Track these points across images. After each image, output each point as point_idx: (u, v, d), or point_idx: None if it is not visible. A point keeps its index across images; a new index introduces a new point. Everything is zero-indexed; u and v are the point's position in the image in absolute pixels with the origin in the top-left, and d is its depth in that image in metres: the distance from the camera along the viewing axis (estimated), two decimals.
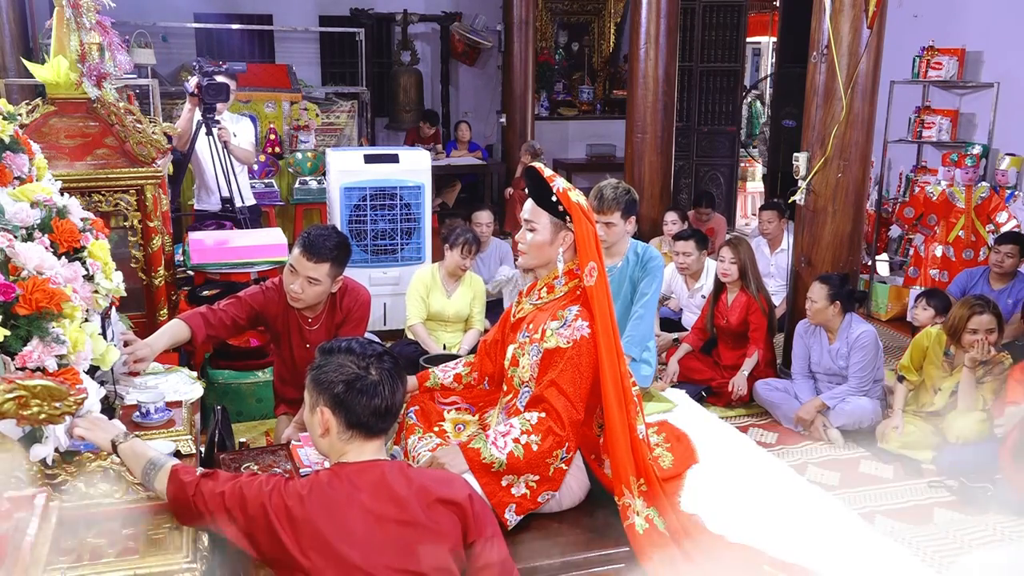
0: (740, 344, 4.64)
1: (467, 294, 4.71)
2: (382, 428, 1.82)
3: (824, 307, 4.18)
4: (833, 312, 4.18)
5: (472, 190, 9.36)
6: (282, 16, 9.01)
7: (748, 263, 4.59)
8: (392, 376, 1.80)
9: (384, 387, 1.78)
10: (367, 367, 1.78)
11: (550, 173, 2.39)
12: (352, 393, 1.76)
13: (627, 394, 2.31)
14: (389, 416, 1.82)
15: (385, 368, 1.80)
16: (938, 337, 4.04)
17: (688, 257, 5.19)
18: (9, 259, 1.81)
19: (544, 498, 2.31)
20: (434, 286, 4.67)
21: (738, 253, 4.58)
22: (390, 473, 1.78)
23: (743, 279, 4.59)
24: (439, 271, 4.70)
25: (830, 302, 4.17)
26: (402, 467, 1.84)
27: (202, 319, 2.92)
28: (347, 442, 1.79)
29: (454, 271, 4.64)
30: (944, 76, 6.29)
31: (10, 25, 5.70)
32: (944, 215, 5.96)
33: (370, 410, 1.77)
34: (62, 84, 3.03)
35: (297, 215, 6.79)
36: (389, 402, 1.79)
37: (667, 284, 5.36)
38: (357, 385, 1.76)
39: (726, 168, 9.17)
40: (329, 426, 1.78)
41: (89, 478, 1.85)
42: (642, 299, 3.49)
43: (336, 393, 1.76)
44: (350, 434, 1.78)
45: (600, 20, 10.49)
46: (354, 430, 1.78)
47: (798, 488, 2.59)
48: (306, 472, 2.43)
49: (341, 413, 1.77)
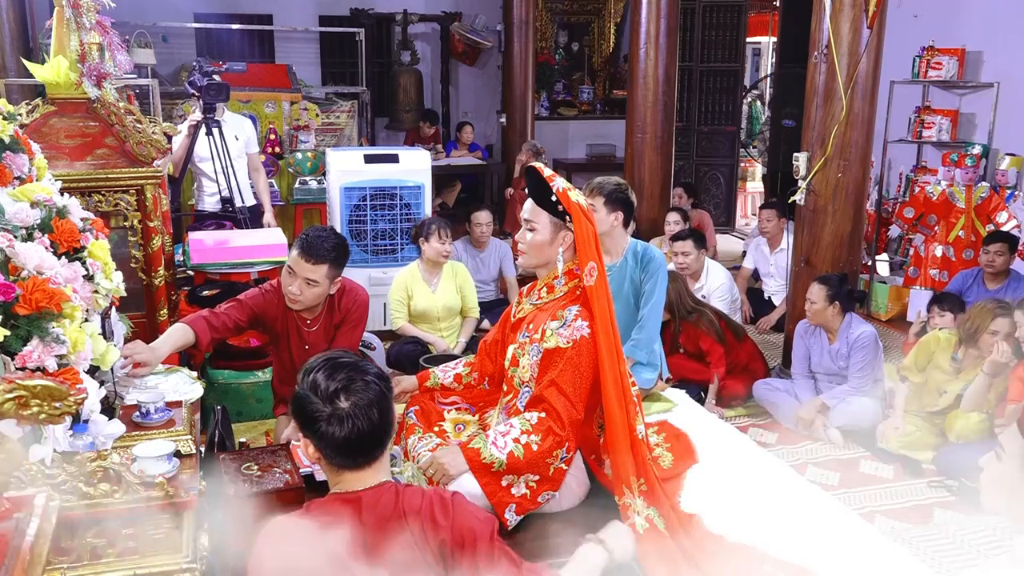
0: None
1: (451, 284, 4.65)
2: (366, 456, 1.66)
3: (823, 308, 4.17)
4: (832, 313, 4.18)
5: (472, 190, 9.36)
6: (282, 16, 9.01)
7: (675, 299, 4.47)
8: (369, 400, 1.62)
9: (358, 417, 1.61)
10: (336, 393, 1.61)
11: (550, 173, 2.39)
12: (324, 426, 1.61)
13: (627, 394, 2.31)
14: (368, 444, 1.64)
15: (357, 392, 1.62)
16: (947, 341, 4.03)
17: (687, 257, 5.16)
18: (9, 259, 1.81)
19: (544, 498, 2.31)
20: (415, 283, 4.60)
21: None
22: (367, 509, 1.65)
23: (671, 314, 4.50)
24: (419, 267, 4.64)
25: (829, 303, 4.16)
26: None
27: (205, 323, 2.92)
28: (337, 474, 1.68)
29: (436, 259, 4.57)
30: (944, 76, 6.29)
31: (10, 25, 5.70)
32: (944, 215, 5.96)
33: (343, 445, 1.62)
34: (62, 84, 3.03)
35: (297, 215, 6.79)
36: (363, 428, 1.61)
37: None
38: (328, 425, 1.61)
39: (726, 168, 9.17)
40: (318, 457, 1.68)
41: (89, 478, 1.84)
42: (648, 303, 3.45)
43: (310, 426, 1.64)
44: (336, 467, 1.67)
45: (600, 20, 10.49)
46: (339, 463, 1.66)
47: (798, 488, 2.59)
48: (306, 472, 2.44)
49: (320, 447, 1.65)
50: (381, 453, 1.69)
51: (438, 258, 4.57)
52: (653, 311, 3.44)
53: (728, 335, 4.60)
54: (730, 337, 4.62)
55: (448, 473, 2.24)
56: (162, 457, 2.02)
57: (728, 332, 4.61)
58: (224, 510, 2.09)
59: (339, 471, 1.68)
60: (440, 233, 4.54)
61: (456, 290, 4.66)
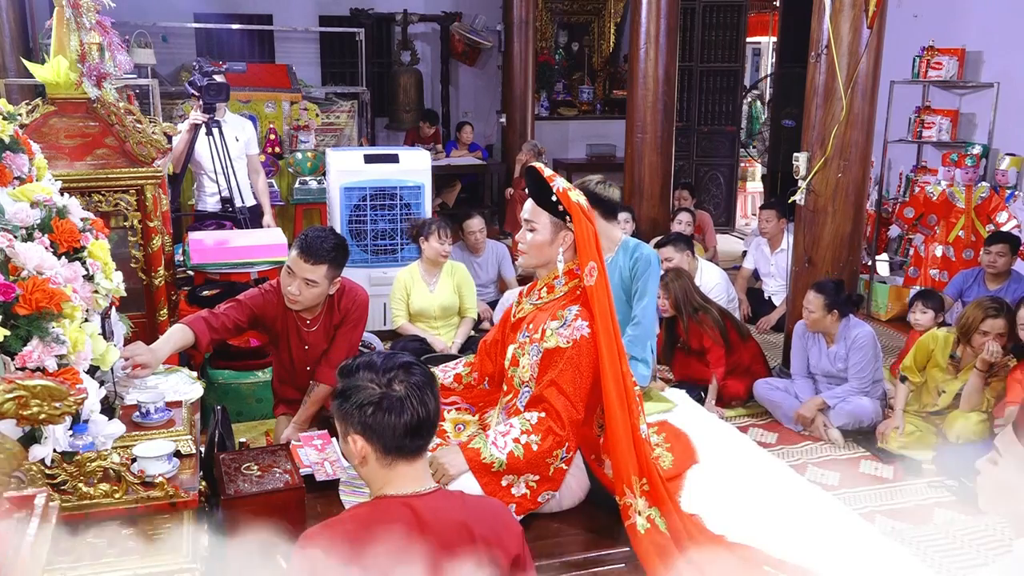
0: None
1: (449, 284, 4.65)
2: (420, 445, 1.67)
3: (821, 316, 4.17)
4: (831, 320, 4.18)
5: (472, 190, 9.36)
6: (282, 16, 9.01)
7: (681, 296, 4.54)
8: (420, 386, 1.65)
9: (412, 400, 1.62)
10: (390, 382, 1.63)
11: (550, 173, 2.39)
12: (379, 415, 1.61)
13: (629, 393, 2.31)
14: (424, 430, 1.66)
15: (412, 380, 1.64)
16: (945, 340, 4.03)
17: (670, 262, 5.14)
18: (9, 259, 1.81)
19: (544, 498, 2.31)
20: (414, 282, 4.62)
21: (669, 290, 4.54)
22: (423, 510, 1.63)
23: (678, 312, 4.55)
24: (418, 266, 4.66)
25: (827, 311, 4.16)
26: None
27: (205, 324, 2.91)
28: (390, 467, 1.65)
29: (435, 259, 4.58)
30: (944, 76, 6.29)
31: (10, 25, 5.70)
32: (944, 215, 5.96)
33: (401, 430, 1.62)
34: (62, 84, 3.03)
35: (297, 215, 6.78)
36: (421, 414, 1.63)
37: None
38: (384, 405, 1.61)
39: (726, 168, 9.17)
40: (366, 454, 1.64)
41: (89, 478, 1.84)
42: (640, 301, 3.45)
43: (363, 418, 1.62)
44: (391, 459, 1.64)
45: (600, 20, 10.49)
46: (392, 455, 1.64)
47: (798, 488, 2.59)
48: (306, 472, 2.44)
49: (374, 439, 1.63)
50: (429, 440, 1.69)
51: (437, 258, 4.57)
52: (647, 309, 3.43)
53: (733, 335, 4.61)
54: (734, 337, 4.62)
55: (448, 473, 2.24)
56: (162, 457, 2.02)
57: (733, 332, 4.62)
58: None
59: (392, 464, 1.65)
60: (440, 233, 4.54)
61: (454, 290, 4.66)
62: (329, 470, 2.49)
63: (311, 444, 2.66)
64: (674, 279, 4.60)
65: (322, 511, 2.28)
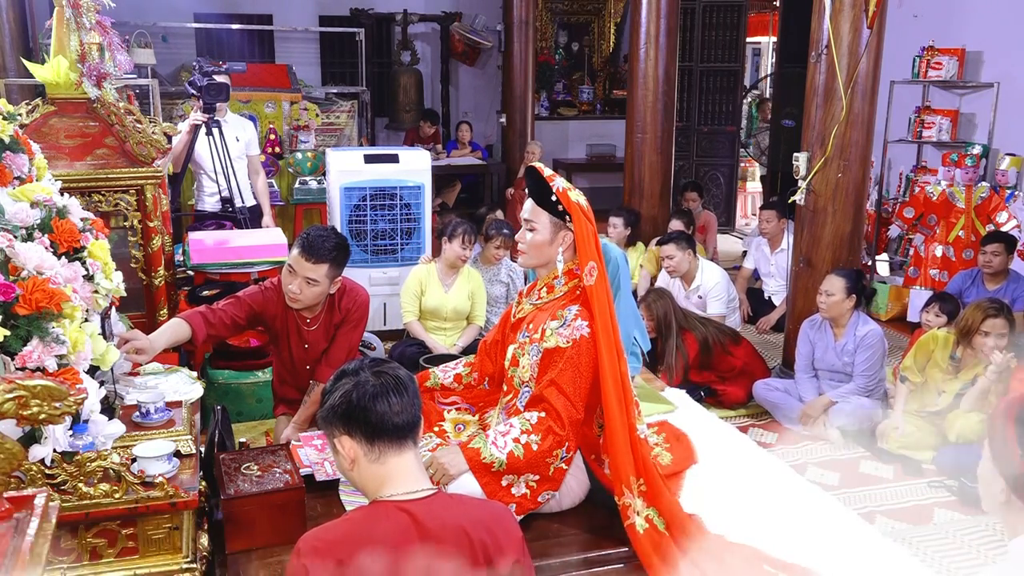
0: (712, 368, 4.64)
1: (464, 287, 4.67)
2: (407, 430, 1.65)
3: (841, 300, 4.17)
4: (848, 306, 4.18)
5: (472, 190, 9.36)
6: (282, 16, 9.01)
7: (662, 318, 4.53)
8: (392, 372, 1.67)
9: (386, 383, 1.63)
10: (360, 372, 1.65)
11: (550, 172, 2.39)
12: (354, 402, 1.62)
13: (627, 393, 2.31)
14: (406, 414, 1.64)
15: (384, 368, 1.67)
16: (945, 340, 4.03)
17: (672, 260, 5.15)
18: (9, 259, 1.81)
19: (544, 498, 2.31)
20: (430, 281, 4.62)
21: (651, 311, 4.55)
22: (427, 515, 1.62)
23: (659, 335, 4.54)
24: (436, 265, 4.67)
25: (847, 295, 4.16)
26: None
27: (202, 318, 2.91)
28: (380, 462, 1.63)
29: (454, 263, 4.60)
30: (944, 76, 6.30)
31: (10, 25, 5.70)
32: (944, 215, 5.96)
33: (381, 413, 1.61)
34: (62, 84, 3.03)
35: (297, 215, 6.79)
36: (397, 396, 1.63)
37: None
38: (356, 393, 1.62)
39: (726, 168, 9.18)
40: (355, 453, 1.63)
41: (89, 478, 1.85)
42: (616, 297, 3.43)
43: (343, 412, 1.63)
44: (377, 451, 1.63)
45: (600, 20, 10.49)
46: (379, 442, 1.63)
47: (798, 488, 2.59)
48: (306, 472, 2.43)
49: (357, 429, 1.62)
50: (414, 425, 1.68)
51: (456, 261, 4.59)
52: (622, 302, 3.41)
53: (716, 348, 4.59)
54: (718, 350, 4.59)
55: (448, 473, 2.24)
56: (162, 457, 2.02)
57: (717, 346, 4.60)
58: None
59: (381, 457, 1.63)
60: (464, 238, 4.55)
61: (468, 295, 4.69)
62: (329, 470, 2.49)
63: (311, 444, 2.66)
64: (656, 299, 4.61)
65: (322, 511, 2.29)
